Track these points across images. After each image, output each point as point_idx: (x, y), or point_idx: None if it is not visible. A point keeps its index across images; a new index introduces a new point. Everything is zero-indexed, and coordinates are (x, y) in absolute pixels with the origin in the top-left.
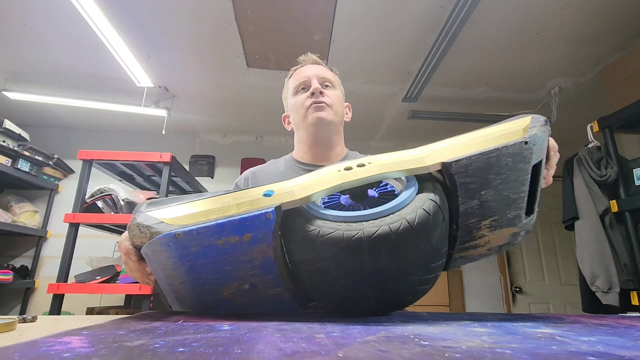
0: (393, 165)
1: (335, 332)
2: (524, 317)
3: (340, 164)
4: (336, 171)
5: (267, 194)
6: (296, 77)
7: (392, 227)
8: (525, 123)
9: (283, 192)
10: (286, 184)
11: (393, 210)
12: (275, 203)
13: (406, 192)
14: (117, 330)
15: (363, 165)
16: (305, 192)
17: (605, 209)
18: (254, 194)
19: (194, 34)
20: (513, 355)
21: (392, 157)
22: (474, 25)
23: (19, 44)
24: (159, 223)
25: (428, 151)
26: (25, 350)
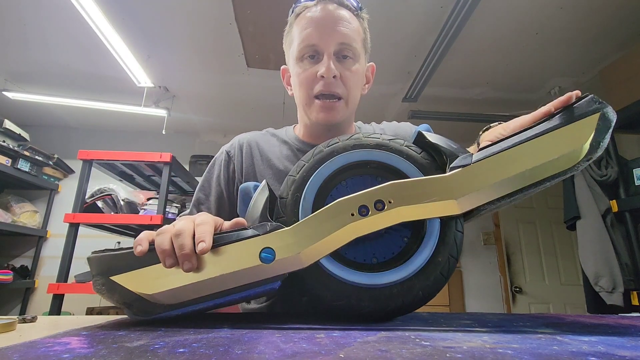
0: (421, 210)
1: (335, 332)
2: (524, 317)
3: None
4: (349, 216)
5: (266, 258)
6: (301, 35)
7: (404, 300)
8: (592, 129)
9: (287, 257)
10: (287, 236)
11: (407, 277)
12: (278, 273)
13: (425, 250)
14: (116, 330)
15: (382, 208)
16: (313, 256)
17: (606, 208)
18: (248, 255)
19: (194, 34)
20: (514, 356)
21: (419, 194)
22: (474, 25)
23: (19, 44)
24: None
25: (463, 188)
26: (24, 351)
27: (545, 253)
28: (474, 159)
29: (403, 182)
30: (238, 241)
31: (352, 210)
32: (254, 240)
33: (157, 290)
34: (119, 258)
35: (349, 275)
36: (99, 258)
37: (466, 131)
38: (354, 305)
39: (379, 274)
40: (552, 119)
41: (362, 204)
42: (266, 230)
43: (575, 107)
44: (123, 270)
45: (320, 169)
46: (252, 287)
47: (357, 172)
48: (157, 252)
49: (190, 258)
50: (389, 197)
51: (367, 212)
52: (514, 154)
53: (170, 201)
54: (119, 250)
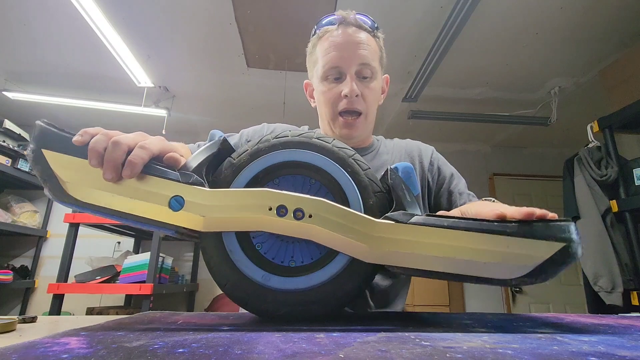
0: (334, 240)
1: (335, 332)
2: (524, 318)
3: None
4: (266, 210)
5: (174, 205)
6: (325, 57)
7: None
8: (546, 255)
9: (192, 215)
10: (202, 196)
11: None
12: (176, 224)
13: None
14: (116, 330)
15: (300, 217)
16: (216, 226)
17: (606, 208)
18: (160, 194)
19: (194, 34)
20: (514, 356)
21: (340, 224)
22: (474, 25)
23: (19, 44)
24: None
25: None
26: (23, 352)
27: None
28: (412, 220)
29: (331, 203)
30: (159, 177)
31: (272, 205)
32: (173, 183)
33: (72, 181)
34: (59, 137)
35: (268, 280)
36: (42, 128)
37: (466, 131)
38: (271, 309)
39: (292, 278)
40: (515, 224)
41: (283, 204)
42: (187, 181)
43: (552, 225)
44: (56, 149)
45: (259, 160)
46: (152, 223)
47: (296, 170)
48: (89, 147)
49: (113, 170)
50: (312, 211)
51: (284, 215)
52: (451, 237)
53: None
54: (63, 131)
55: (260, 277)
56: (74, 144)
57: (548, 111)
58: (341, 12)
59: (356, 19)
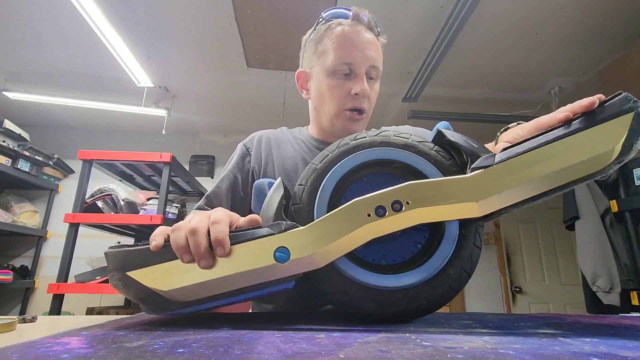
0: (440, 212)
1: (335, 332)
2: (524, 318)
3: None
4: (365, 217)
5: (280, 257)
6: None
7: (407, 307)
8: (625, 129)
9: (301, 257)
10: (302, 236)
11: (414, 284)
12: (293, 273)
13: (437, 260)
14: (116, 330)
15: (399, 208)
16: (328, 257)
17: (605, 208)
18: (263, 254)
19: (194, 34)
20: (516, 356)
21: (438, 195)
22: (474, 25)
23: (19, 44)
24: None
25: (485, 190)
26: (23, 351)
27: (545, 253)
28: (496, 160)
29: (422, 182)
30: (253, 240)
31: (369, 211)
32: (269, 239)
33: (172, 287)
34: (135, 254)
35: (356, 272)
36: (115, 253)
37: (466, 131)
38: (356, 303)
39: (386, 276)
40: (581, 119)
41: (379, 204)
42: (281, 230)
43: (607, 105)
44: (139, 266)
45: (344, 161)
46: (266, 286)
47: (379, 170)
48: (173, 248)
49: (206, 256)
50: (407, 198)
51: (384, 213)
52: (540, 155)
53: (170, 201)
54: (135, 245)
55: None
56: (152, 253)
57: (548, 111)
58: (355, 8)
59: (369, 19)
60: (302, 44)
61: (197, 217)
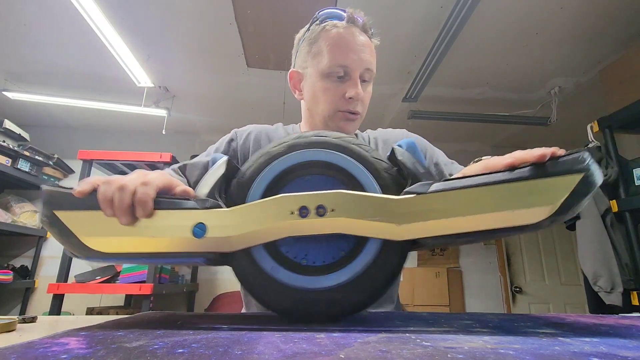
0: (360, 227)
1: (335, 332)
2: (524, 318)
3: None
4: (288, 214)
5: (197, 233)
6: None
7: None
8: (568, 190)
9: (217, 237)
10: (223, 217)
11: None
12: (205, 250)
13: (361, 261)
14: (115, 330)
15: (323, 214)
16: (243, 243)
17: (606, 208)
18: (181, 225)
19: (194, 34)
20: (516, 356)
21: (363, 210)
22: (474, 25)
23: (19, 44)
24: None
25: (410, 215)
26: (23, 352)
27: (545, 253)
28: (431, 189)
29: (349, 193)
30: (176, 209)
31: (293, 209)
32: (191, 212)
33: (92, 235)
34: (68, 196)
35: (282, 274)
36: (49, 191)
37: (466, 131)
38: (273, 301)
39: (303, 276)
40: (528, 168)
41: (304, 204)
42: (205, 206)
43: (559, 161)
44: (67, 208)
45: (288, 156)
46: (178, 256)
47: (313, 171)
48: (98, 200)
49: (127, 214)
50: (332, 205)
51: (307, 214)
52: (474, 195)
53: None
54: (69, 188)
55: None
56: (82, 198)
57: (548, 111)
58: (350, 9)
59: (363, 21)
60: (295, 43)
61: (134, 175)
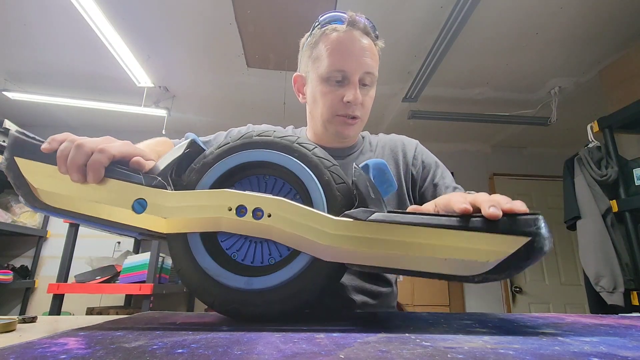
0: (292, 241)
1: (335, 332)
2: (524, 318)
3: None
4: (226, 210)
5: (136, 208)
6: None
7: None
8: (510, 250)
9: (154, 217)
10: (164, 197)
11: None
12: (139, 226)
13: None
14: (115, 331)
15: (259, 217)
16: (178, 227)
17: (607, 208)
18: (124, 197)
19: (194, 34)
20: (516, 356)
21: (299, 224)
22: (474, 26)
23: (19, 44)
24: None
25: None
26: (21, 352)
27: None
28: (371, 217)
29: (291, 204)
30: (122, 181)
31: (232, 205)
32: (136, 186)
33: (43, 187)
34: (30, 145)
35: (211, 267)
36: (15, 137)
37: (466, 131)
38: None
39: (240, 276)
40: (480, 218)
41: (243, 204)
42: (150, 184)
43: (512, 218)
44: (27, 157)
45: (244, 152)
46: (115, 226)
47: (274, 173)
48: (57, 155)
49: (78, 172)
50: (270, 210)
51: (244, 214)
52: (412, 234)
53: None
54: (35, 139)
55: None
56: (41, 151)
57: (548, 111)
58: (351, 13)
59: (365, 24)
60: (300, 47)
61: (99, 139)
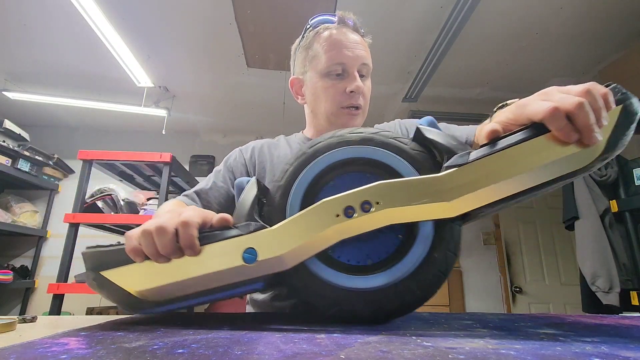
0: (411, 213)
1: (336, 333)
2: (525, 318)
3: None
4: (334, 217)
5: (248, 258)
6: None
7: (402, 301)
8: (611, 124)
9: (269, 258)
10: (270, 236)
11: (402, 278)
12: (260, 274)
13: (419, 247)
14: (115, 331)
15: (369, 209)
16: (297, 258)
17: (605, 209)
18: (231, 255)
19: (194, 34)
20: (517, 356)
21: (408, 195)
22: (474, 26)
23: (19, 44)
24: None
25: (458, 189)
26: (22, 352)
27: (545, 253)
28: (470, 157)
29: (391, 182)
30: (221, 240)
31: (338, 211)
32: (237, 239)
33: (143, 287)
34: (109, 254)
35: (341, 279)
36: (91, 253)
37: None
38: (347, 311)
39: (372, 276)
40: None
41: (348, 204)
42: (249, 230)
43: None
44: (112, 266)
45: (319, 159)
46: (235, 287)
47: (346, 170)
48: (145, 252)
49: (173, 254)
50: (377, 198)
51: (353, 214)
52: (517, 152)
53: None
54: (109, 246)
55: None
56: (124, 254)
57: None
58: (340, 12)
59: (354, 21)
60: (291, 53)
61: (167, 215)
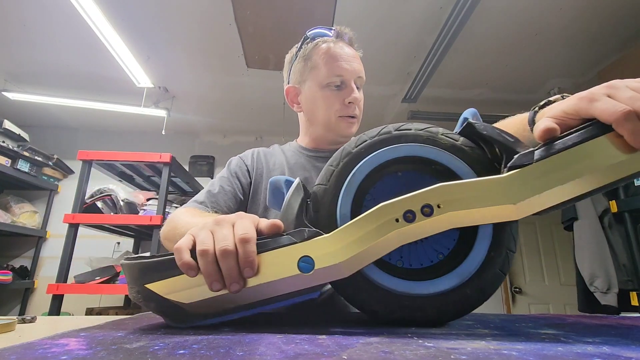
0: (474, 216)
1: (337, 333)
2: (525, 318)
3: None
4: (394, 222)
5: (305, 267)
6: (329, 66)
7: (462, 306)
8: None
9: (327, 267)
10: (327, 244)
11: (463, 281)
12: (318, 283)
13: (479, 249)
14: (116, 331)
15: (430, 213)
16: (355, 266)
17: (604, 209)
18: (286, 264)
19: (194, 35)
20: (519, 357)
21: (472, 198)
22: (473, 26)
23: (18, 44)
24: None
25: (523, 191)
26: (22, 352)
27: (545, 253)
28: (536, 156)
29: (454, 184)
30: (275, 249)
31: (397, 216)
32: (292, 247)
33: (193, 299)
34: (153, 265)
35: (402, 285)
36: (131, 265)
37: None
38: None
39: (416, 282)
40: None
41: (408, 208)
42: (304, 237)
43: None
44: (158, 278)
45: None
46: (291, 296)
47: (394, 169)
48: (203, 274)
49: (238, 280)
50: (438, 201)
51: (414, 218)
52: (588, 150)
53: (170, 202)
54: (152, 257)
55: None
56: (171, 266)
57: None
58: (337, 27)
59: (349, 36)
60: (286, 62)
61: (224, 230)
